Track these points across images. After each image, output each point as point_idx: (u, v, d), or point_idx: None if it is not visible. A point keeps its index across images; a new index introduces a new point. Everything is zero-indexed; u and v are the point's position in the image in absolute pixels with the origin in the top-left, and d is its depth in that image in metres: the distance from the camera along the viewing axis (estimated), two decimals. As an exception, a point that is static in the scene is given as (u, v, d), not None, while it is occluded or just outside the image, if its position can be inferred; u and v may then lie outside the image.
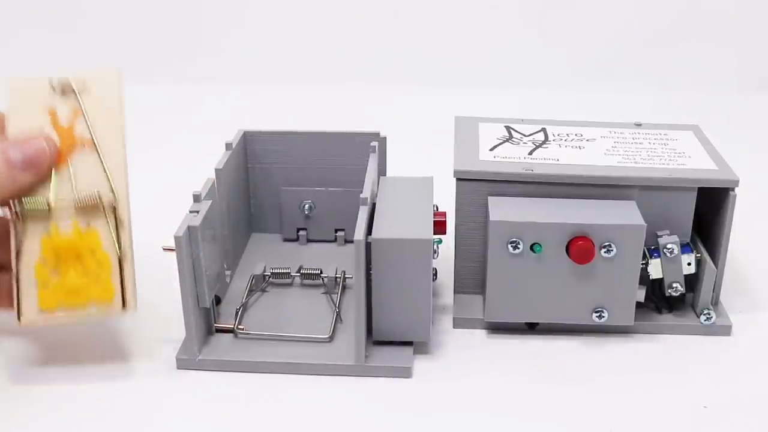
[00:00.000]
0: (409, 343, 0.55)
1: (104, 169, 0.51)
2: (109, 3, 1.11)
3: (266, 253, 0.66)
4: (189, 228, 0.50)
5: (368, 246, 0.52)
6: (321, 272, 0.61)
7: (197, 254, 0.51)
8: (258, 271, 0.61)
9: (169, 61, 1.10)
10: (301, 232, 0.68)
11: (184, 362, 0.54)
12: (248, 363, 0.54)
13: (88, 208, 0.51)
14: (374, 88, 1.03)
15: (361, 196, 0.53)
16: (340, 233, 0.68)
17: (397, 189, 0.58)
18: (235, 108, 0.99)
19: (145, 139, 0.90)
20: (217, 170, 0.59)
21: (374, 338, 0.54)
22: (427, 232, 0.53)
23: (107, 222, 0.51)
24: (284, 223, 0.68)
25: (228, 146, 0.62)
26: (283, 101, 1.01)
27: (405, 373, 0.53)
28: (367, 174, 0.57)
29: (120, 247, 0.51)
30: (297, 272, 0.62)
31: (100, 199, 0.51)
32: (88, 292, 0.50)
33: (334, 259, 0.64)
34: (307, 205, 0.67)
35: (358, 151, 0.63)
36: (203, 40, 1.11)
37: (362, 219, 0.52)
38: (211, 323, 0.56)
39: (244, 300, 0.59)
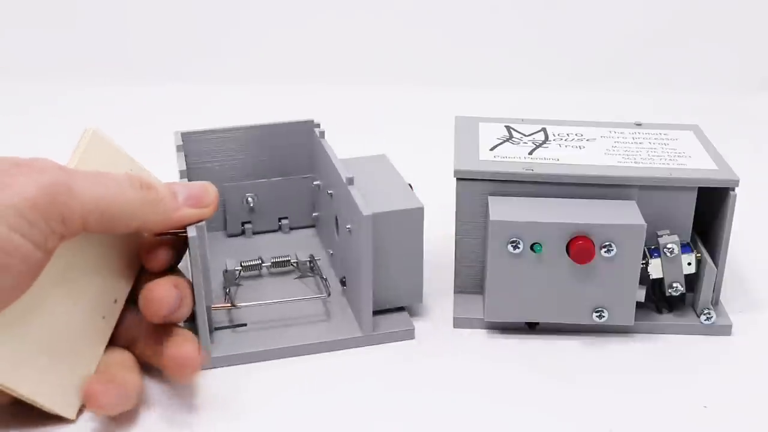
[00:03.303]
0: (401, 309, 0.58)
1: None
2: (109, 3, 1.11)
3: (219, 250, 0.65)
4: (197, 228, 0.51)
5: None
6: (290, 258, 0.63)
7: (204, 253, 0.51)
8: (229, 267, 0.61)
9: (169, 61, 1.10)
10: (247, 226, 0.68)
11: None
12: (260, 353, 0.55)
13: None
14: (374, 88, 1.03)
15: (346, 176, 0.56)
16: (284, 221, 0.68)
17: (358, 168, 0.59)
18: (235, 108, 0.99)
19: (145, 139, 0.90)
20: (181, 171, 0.59)
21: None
22: (416, 200, 0.56)
23: None
24: (229, 218, 0.68)
25: (179, 148, 0.63)
26: (283, 101, 1.01)
27: (409, 335, 0.56)
28: (331, 157, 0.60)
29: None
30: (267, 262, 0.63)
31: None
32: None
33: (287, 246, 0.65)
34: (250, 198, 0.67)
35: (293, 140, 0.66)
36: (203, 41, 1.11)
37: (358, 196, 0.54)
38: (211, 322, 0.56)
39: (231, 297, 0.59)
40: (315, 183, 0.65)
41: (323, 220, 0.65)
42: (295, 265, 0.63)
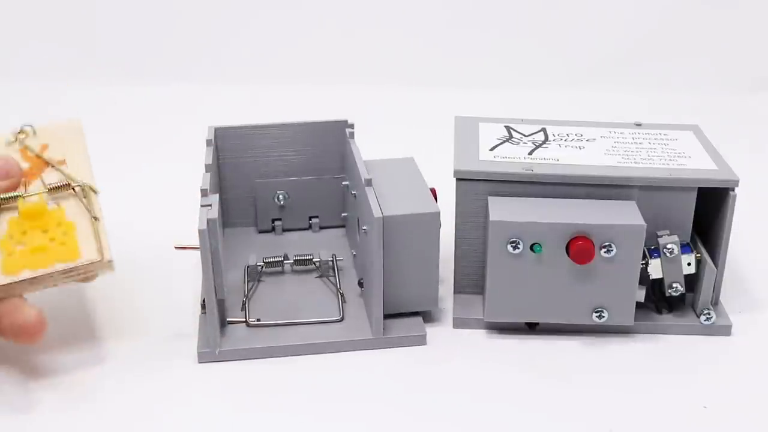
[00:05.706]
0: (416, 314, 0.57)
1: (73, 173, 0.54)
2: (108, 4, 1.11)
3: (247, 245, 0.66)
4: (209, 221, 0.51)
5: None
6: (313, 257, 0.63)
7: (215, 246, 0.52)
8: (250, 262, 0.62)
9: (169, 61, 1.10)
10: (276, 223, 0.68)
11: (206, 355, 0.54)
12: (271, 348, 0.55)
13: (58, 191, 0.53)
14: (375, 88, 1.03)
15: (365, 177, 0.56)
16: (314, 220, 0.69)
17: (383, 170, 0.60)
18: (235, 108, 0.99)
19: (141, 140, 0.90)
20: (207, 165, 0.59)
21: (384, 311, 0.56)
22: (433, 205, 0.56)
23: (77, 198, 0.53)
24: (259, 214, 0.68)
25: (209, 143, 0.63)
26: (283, 102, 1.01)
27: (420, 341, 0.56)
28: (356, 157, 0.60)
29: (92, 212, 0.52)
30: (289, 259, 0.63)
31: (71, 184, 0.53)
32: (54, 253, 0.51)
33: (314, 245, 0.66)
34: (281, 196, 0.67)
35: (327, 140, 0.66)
36: (204, 41, 1.11)
37: (373, 198, 0.54)
38: (224, 315, 0.56)
39: (246, 292, 0.60)
40: (344, 183, 0.65)
41: (350, 220, 0.66)
42: (316, 264, 0.63)
